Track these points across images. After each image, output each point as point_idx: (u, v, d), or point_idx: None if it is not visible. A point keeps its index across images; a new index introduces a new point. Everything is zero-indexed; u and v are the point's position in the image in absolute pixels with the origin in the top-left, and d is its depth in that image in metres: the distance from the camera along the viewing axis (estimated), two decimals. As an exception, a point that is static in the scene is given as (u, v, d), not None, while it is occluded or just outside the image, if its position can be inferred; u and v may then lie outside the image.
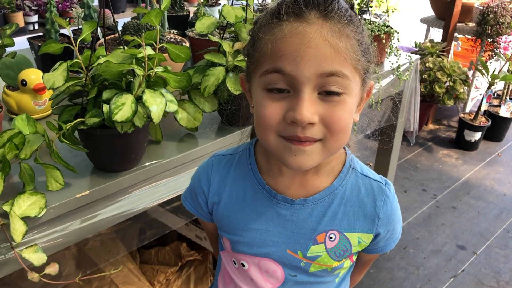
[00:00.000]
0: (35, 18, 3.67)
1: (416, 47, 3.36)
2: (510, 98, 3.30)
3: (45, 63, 1.50)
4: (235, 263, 0.87)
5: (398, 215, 0.84)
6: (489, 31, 3.06)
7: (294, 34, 0.66)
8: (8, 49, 1.44)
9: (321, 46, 0.65)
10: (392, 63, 1.84)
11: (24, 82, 1.23)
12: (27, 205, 0.92)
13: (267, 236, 0.81)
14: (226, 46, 1.17)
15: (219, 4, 2.26)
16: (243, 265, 0.85)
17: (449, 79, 3.04)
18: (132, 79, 1.02)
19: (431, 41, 3.31)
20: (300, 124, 0.66)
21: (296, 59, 0.65)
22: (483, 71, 2.97)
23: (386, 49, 1.82)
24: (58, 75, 0.96)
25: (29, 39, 1.59)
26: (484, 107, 3.13)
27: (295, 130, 0.67)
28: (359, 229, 0.81)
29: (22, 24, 3.52)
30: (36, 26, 3.70)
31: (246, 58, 0.77)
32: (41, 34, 1.63)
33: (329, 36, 0.65)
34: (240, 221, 0.82)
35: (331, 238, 0.80)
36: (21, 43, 1.70)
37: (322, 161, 0.73)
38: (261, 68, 0.70)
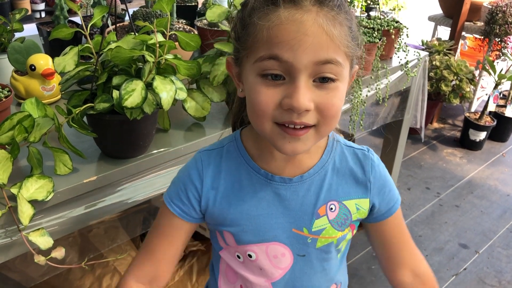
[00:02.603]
0: (42, 6, 3.67)
1: (423, 45, 3.35)
2: (516, 99, 3.29)
3: (54, 49, 1.50)
4: (239, 257, 0.86)
5: (388, 176, 0.88)
6: (497, 31, 3.05)
7: (291, 21, 0.66)
8: (17, 35, 1.44)
9: (318, 34, 0.66)
10: (401, 59, 1.83)
11: (33, 67, 1.22)
12: (34, 188, 0.92)
13: (271, 219, 0.82)
14: (237, 35, 1.16)
15: (228, -5, 2.25)
16: (250, 256, 0.84)
17: (455, 77, 3.03)
18: (142, 66, 1.02)
19: (439, 39, 3.30)
20: (297, 111, 0.67)
21: (293, 46, 0.65)
22: (490, 70, 2.96)
23: (395, 45, 1.81)
24: (69, 59, 0.96)
25: (37, 25, 1.59)
26: (490, 107, 3.12)
27: (291, 116, 0.68)
28: (354, 195, 0.84)
29: (29, 12, 3.52)
30: (43, 14, 3.70)
31: (234, 42, 0.76)
32: (50, 20, 1.62)
33: (325, 24, 0.66)
34: (242, 211, 0.82)
35: (331, 209, 0.83)
36: (28, 30, 1.69)
37: None
38: (255, 54, 0.69)
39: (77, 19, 1.72)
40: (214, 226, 0.86)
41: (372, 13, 2.11)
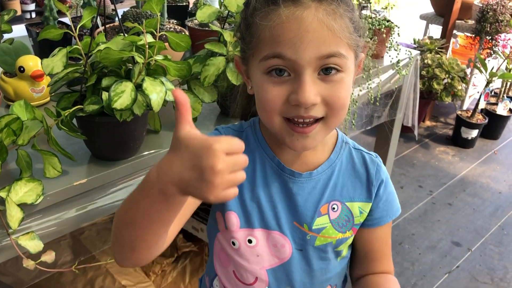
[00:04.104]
0: (32, 6, 3.64)
1: (415, 43, 3.36)
2: (507, 96, 3.31)
3: (43, 50, 1.48)
4: (234, 244, 0.86)
5: (391, 185, 0.89)
6: (488, 29, 3.06)
7: (292, 19, 0.68)
8: (6, 36, 1.42)
9: (318, 29, 0.68)
10: (392, 58, 1.84)
11: (22, 69, 1.21)
12: (24, 191, 0.91)
13: (276, 208, 0.83)
14: (227, 35, 1.16)
15: (219, -5, 2.24)
16: (250, 241, 0.84)
17: (447, 76, 3.04)
18: (131, 67, 1.01)
19: (430, 37, 3.31)
20: (304, 105, 0.70)
21: (295, 44, 0.68)
22: (481, 68, 2.98)
23: (386, 44, 1.81)
24: (57, 61, 0.95)
25: (27, 26, 1.57)
26: (481, 105, 3.13)
27: (299, 110, 0.71)
28: (358, 198, 0.85)
29: (19, 12, 3.50)
30: (33, 15, 3.68)
31: (239, 41, 0.79)
32: (39, 21, 1.61)
33: (325, 19, 0.68)
34: (252, 194, 0.83)
35: (333, 208, 0.84)
36: (17, 31, 1.68)
37: None
38: (260, 53, 0.72)
39: (67, 20, 1.71)
40: (220, 207, 0.85)
41: (365, 12, 2.11)
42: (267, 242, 0.84)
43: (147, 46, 0.96)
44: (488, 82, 3.04)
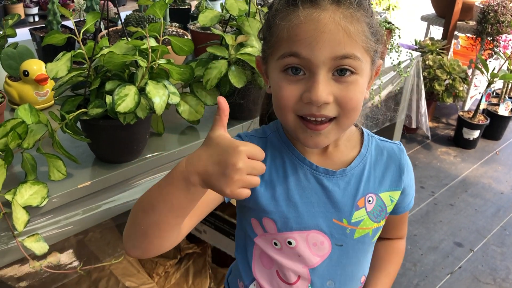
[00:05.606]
0: (35, 10, 3.67)
1: (416, 44, 3.37)
2: (509, 97, 3.31)
3: (47, 55, 1.50)
4: (276, 245, 0.87)
5: (413, 173, 0.94)
6: (489, 30, 3.07)
7: (309, 20, 0.71)
8: (10, 40, 1.43)
9: (334, 31, 0.70)
10: (393, 60, 1.84)
11: (26, 73, 1.23)
12: (29, 194, 0.92)
13: (313, 207, 0.84)
14: (229, 39, 1.17)
15: (221, -2, 2.25)
16: (289, 243, 0.85)
17: (448, 77, 3.04)
18: (135, 71, 1.02)
19: (431, 39, 3.32)
20: (316, 104, 0.72)
21: (311, 43, 0.70)
22: (483, 69, 2.98)
23: (387, 46, 1.82)
24: (61, 65, 0.96)
25: (31, 30, 1.59)
26: (483, 105, 3.14)
27: (311, 109, 0.73)
28: (389, 188, 0.89)
29: (22, 16, 3.52)
30: (37, 18, 3.70)
31: (262, 42, 0.82)
32: (43, 25, 1.62)
33: (342, 21, 0.70)
34: (287, 198, 0.84)
35: (369, 201, 0.87)
36: (21, 34, 1.69)
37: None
38: (278, 52, 0.75)
39: (71, 24, 1.72)
40: (255, 213, 0.86)
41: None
42: (306, 243, 0.86)
43: (150, 50, 0.97)
44: (490, 83, 3.04)
